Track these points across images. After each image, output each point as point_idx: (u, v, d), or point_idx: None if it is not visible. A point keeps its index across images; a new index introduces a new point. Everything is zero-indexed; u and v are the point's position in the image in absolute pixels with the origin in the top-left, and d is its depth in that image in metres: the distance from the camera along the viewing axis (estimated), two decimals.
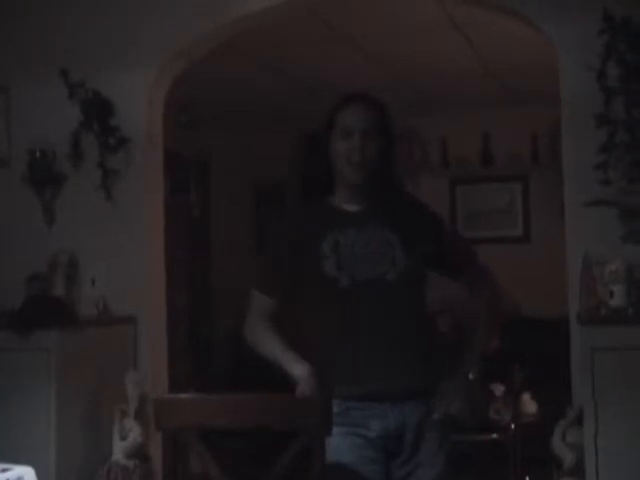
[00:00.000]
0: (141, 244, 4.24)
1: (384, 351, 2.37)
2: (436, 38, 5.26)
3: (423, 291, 2.49)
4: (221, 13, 4.17)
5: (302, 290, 2.48)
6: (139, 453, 3.86)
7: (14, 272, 4.19)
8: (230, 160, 7.37)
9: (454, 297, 2.64)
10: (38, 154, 4.28)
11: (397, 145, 2.60)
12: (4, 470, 2.33)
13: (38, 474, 2.50)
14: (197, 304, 7.11)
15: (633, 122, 3.46)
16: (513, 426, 4.94)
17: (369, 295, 2.38)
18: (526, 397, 5.16)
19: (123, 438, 3.86)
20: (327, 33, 5.15)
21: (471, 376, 2.47)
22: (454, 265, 2.55)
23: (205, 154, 7.16)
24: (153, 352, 4.24)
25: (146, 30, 4.26)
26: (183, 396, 2.15)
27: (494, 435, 4.95)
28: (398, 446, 2.37)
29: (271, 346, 2.46)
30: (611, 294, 3.36)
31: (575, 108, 3.65)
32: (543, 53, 3.99)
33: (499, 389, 5.10)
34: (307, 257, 2.43)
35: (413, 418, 2.38)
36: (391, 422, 2.36)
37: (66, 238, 4.28)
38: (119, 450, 3.85)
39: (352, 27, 5.10)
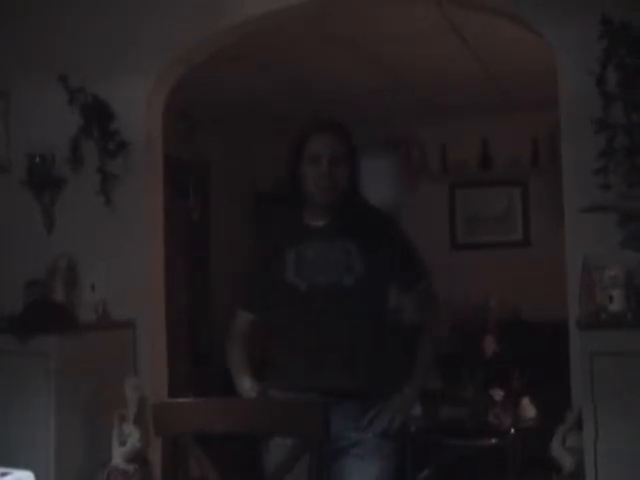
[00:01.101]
0: (141, 248, 4.25)
1: (328, 352, 2.50)
2: (435, 42, 5.27)
3: (382, 297, 2.61)
4: (220, 18, 4.18)
5: (271, 298, 2.63)
6: (138, 458, 3.86)
7: (14, 277, 4.20)
8: (230, 163, 7.37)
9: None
10: (37, 159, 4.29)
11: (397, 149, 2.75)
12: (3, 474, 2.33)
13: (38, 478, 2.49)
14: (197, 307, 7.12)
15: (632, 127, 3.46)
16: (513, 431, 4.94)
17: (325, 299, 2.52)
18: (525, 401, 5.15)
19: (122, 443, 3.86)
20: (327, 38, 5.15)
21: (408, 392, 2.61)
22: (406, 280, 2.66)
23: (205, 158, 7.16)
24: (153, 356, 4.25)
25: (146, 35, 4.27)
26: (182, 400, 2.15)
27: (494, 440, 4.94)
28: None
29: (231, 358, 2.66)
30: (610, 299, 3.36)
31: (574, 112, 3.65)
32: (542, 57, 3.99)
33: (498, 394, 5.09)
34: (273, 267, 2.59)
35: (345, 422, 2.47)
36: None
37: (65, 243, 4.28)
38: (118, 455, 3.85)
39: (352, 32, 5.10)
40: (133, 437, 3.84)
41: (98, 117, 4.20)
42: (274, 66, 5.79)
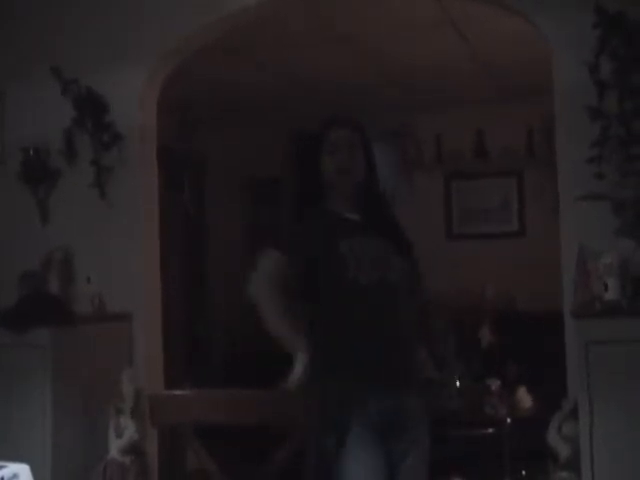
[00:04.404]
0: (136, 240, 4.24)
1: (390, 341, 2.61)
2: (432, 34, 5.25)
3: (414, 291, 2.77)
4: (215, 8, 4.17)
5: (317, 285, 2.64)
6: (135, 450, 3.87)
7: (9, 270, 4.19)
8: (227, 157, 7.35)
9: None
10: (32, 152, 4.28)
11: (392, 142, 2.84)
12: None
13: (34, 471, 2.49)
14: (194, 300, 7.10)
15: (626, 116, 3.47)
16: (509, 420, 4.95)
17: (380, 292, 2.64)
18: (522, 391, 5.16)
19: (119, 435, 3.86)
20: (323, 29, 5.13)
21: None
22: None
23: (201, 151, 7.15)
24: (149, 348, 4.25)
25: (140, 26, 4.26)
26: (178, 392, 2.15)
27: (490, 429, 4.95)
28: (394, 423, 2.57)
29: (279, 322, 2.58)
30: (605, 287, 3.36)
31: (569, 102, 3.65)
32: (538, 49, 3.99)
33: (495, 383, 5.10)
34: (324, 257, 2.63)
35: (407, 403, 2.61)
36: (388, 404, 2.55)
37: (61, 235, 4.28)
38: (115, 447, 3.86)
39: (349, 24, 5.08)
40: (129, 429, 3.85)
41: (92, 109, 4.19)
42: (272, 64, 5.78)
